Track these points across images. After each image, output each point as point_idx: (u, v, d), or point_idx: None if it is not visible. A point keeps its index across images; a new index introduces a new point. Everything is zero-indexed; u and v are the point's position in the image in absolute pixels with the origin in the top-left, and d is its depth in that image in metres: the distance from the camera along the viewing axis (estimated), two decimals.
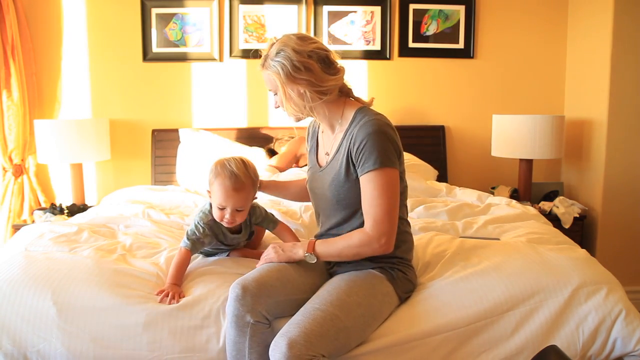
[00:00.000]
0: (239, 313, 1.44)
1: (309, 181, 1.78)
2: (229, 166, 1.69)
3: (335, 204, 1.64)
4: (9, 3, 2.93)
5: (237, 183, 1.67)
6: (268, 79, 1.63)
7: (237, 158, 1.73)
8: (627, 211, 3.01)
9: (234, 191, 1.67)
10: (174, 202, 2.60)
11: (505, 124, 3.04)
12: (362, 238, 1.56)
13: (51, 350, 1.50)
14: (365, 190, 1.56)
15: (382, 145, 1.54)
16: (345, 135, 1.62)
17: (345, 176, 1.60)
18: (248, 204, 1.74)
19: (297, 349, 1.32)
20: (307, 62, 1.55)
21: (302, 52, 1.55)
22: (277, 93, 1.63)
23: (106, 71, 3.23)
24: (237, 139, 3.21)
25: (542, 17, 3.34)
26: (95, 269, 1.66)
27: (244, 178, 1.68)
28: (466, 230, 2.16)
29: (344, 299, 1.48)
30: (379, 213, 1.54)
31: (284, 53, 1.55)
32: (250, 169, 1.73)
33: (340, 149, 1.63)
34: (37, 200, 3.15)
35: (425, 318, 1.55)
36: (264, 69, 1.63)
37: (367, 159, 1.54)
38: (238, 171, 1.67)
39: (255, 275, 1.53)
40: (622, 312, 1.57)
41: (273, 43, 1.61)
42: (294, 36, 1.58)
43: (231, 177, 1.66)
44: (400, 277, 1.64)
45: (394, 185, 1.56)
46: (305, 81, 1.56)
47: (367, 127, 1.55)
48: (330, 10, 3.26)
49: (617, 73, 2.91)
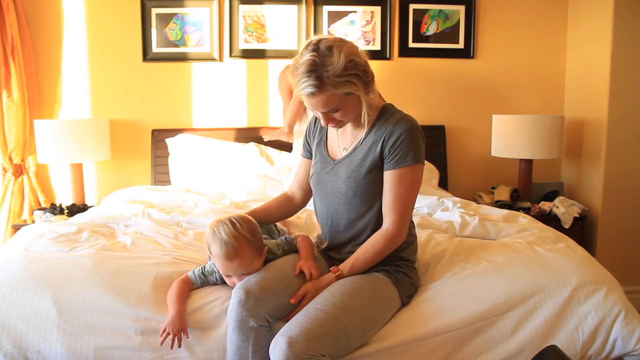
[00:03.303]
0: (242, 318, 1.43)
1: (316, 175, 1.74)
2: (218, 233, 1.52)
3: (351, 198, 1.63)
4: (9, 3, 2.93)
5: (229, 251, 1.51)
6: (329, 99, 1.47)
7: (227, 221, 1.55)
8: (627, 211, 3.01)
9: (228, 261, 1.52)
10: (174, 202, 2.60)
11: (505, 124, 3.04)
12: (387, 239, 1.59)
13: (51, 350, 1.50)
14: (392, 186, 1.57)
15: (418, 142, 1.58)
16: (372, 129, 1.62)
17: (368, 169, 1.60)
18: (253, 266, 1.56)
19: (297, 348, 1.32)
20: (365, 61, 1.52)
21: (358, 54, 1.49)
22: (340, 108, 1.51)
23: (106, 71, 3.23)
24: (237, 139, 3.21)
25: (542, 17, 3.34)
26: (95, 269, 1.65)
27: (236, 243, 1.51)
28: (464, 229, 2.16)
29: (346, 301, 1.47)
30: (403, 208, 1.58)
31: (352, 63, 1.45)
32: (245, 229, 1.54)
33: (365, 142, 1.62)
34: (37, 200, 3.15)
35: (425, 320, 1.55)
36: (321, 92, 1.45)
37: (404, 154, 1.55)
38: (228, 237, 1.51)
39: (258, 279, 1.51)
40: (622, 311, 1.57)
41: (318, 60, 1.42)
42: (339, 42, 1.46)
43: (222, 246, 1.51)
44: (406, 282, 1.64)
45: (419, 181, 1.62)
46: (372, 80, 1.55)
47: (404, 123, 1.57)
48: (330, 10, 3.26)
49: (617, 73, 2.91)
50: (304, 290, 1.54)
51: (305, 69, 1.45)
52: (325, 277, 1.60)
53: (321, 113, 1.54)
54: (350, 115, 1.57)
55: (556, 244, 1.93)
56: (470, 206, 2.49)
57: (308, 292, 1.54)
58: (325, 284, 1.57)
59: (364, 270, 1.61)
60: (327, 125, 1.58)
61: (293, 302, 1.51)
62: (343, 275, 1.59)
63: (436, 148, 3.31)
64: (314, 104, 1.50)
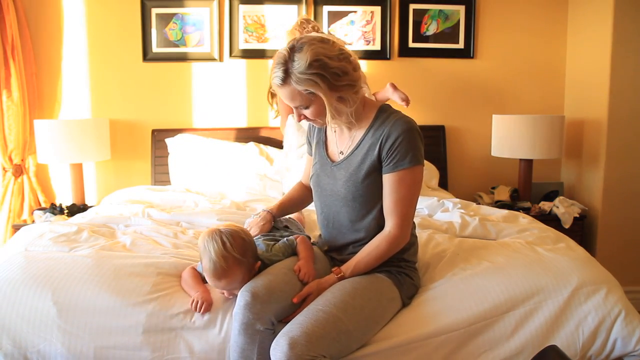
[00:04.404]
0: (248, 321, 1.41)
1: (316, 176, 1.74)
2: (208, 249, 1.50)
3: (350, 201, 1.63)
4: (9, 3, 2.93)
5: (217, 271, 1.50)
6: (292, 94, 1.51)
7: (217, 238, 1.51)
8: (627, 211, 3.02)
9: (217, 279, 1.51)
10: (174, 202, 2.60)
11: (505, 124, 3.04)
12: (390, 241, 1.58)
13: (51, 350, 1.50)
14: (392, 189, 1.56)
15: (417, 144, 1.56)
16: (369, 132, 1.61)
17: (366, 172, 1.59)
18: (242, 283, 1.52)
19: (298, 349, 1.32)
20: (342, 65, 1.49)
21: (334, 57, 1.48)
22: (309, 106, 1.53)
23: (106, 71, 3.23)
24: (237, 139, 3.21)
25: (542, 17, 3.34)
26: (95, 269, 1.65)
27: (224, 264, 1.49)
28: (464, 229, 2.16)
29: (348, 302, 1.47)
30: (405, 210, 1.57)
31: (319, 63, 1.45)
32: (236, 249, 1.51)
33: (363, 145, 1.61)
34: (37, 200, 3.15)
35: (425, 321, 1.55)
36: (285, 85, 1.49)
37: (403, 156, 1.54)
38: (216, 257, 1.49)
39: (265, 281, 1.50)
40: (622, 312, 1.57)
41: (287, 55, 1.47)
42: (317, 42, 1.48)
43: (210, 264, 1.50)
44: (407, 282, 1.64)
45: (420, 182, 1.61)
46: (346, 86, 1.52)
47: (401, 125, 1.55)
48: (330, 10, 3.26)
49: (617, 73, 2.91)
50: (307, 290, 1.54)
51: (276, 60, 1.50)
52: (327, 278, 1.59)
53: (293, 108, 1.58)
54: (323, 117, 1.55)
55: (556, 244, 1.93)
56: (470, 207, 2.49)
57: (311, 293, 1.54)
58: (327, 285, 1.56)
59: (365, 272, 1.61)
60: (299, 120, 1.60)
61: (295, 302, 1.51)
62: (345, 277, 1.59)
63: (436, 148, 3.31)
64: (282, 96, 1.54)
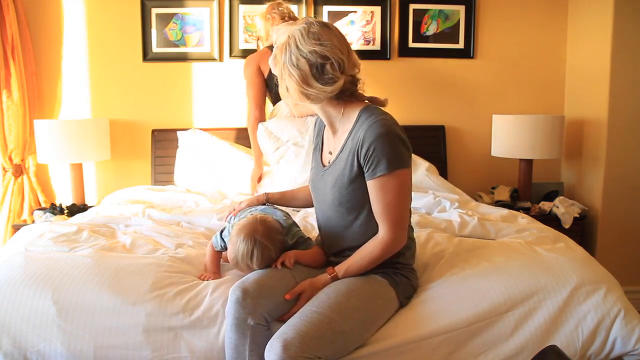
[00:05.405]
0: (239, 316, 1.43)
1: (312, 180, 1.75)
2: (239, 247, 1.58)
3: (337, 206, 1.61)
4: (9, 3, 2.93)
5: (238, 266, 1.63)
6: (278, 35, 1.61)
7: (251, 247, 1.57)
8: (627, 211, 3.01)
9: (236, 268, 1.66)
10: (175, 202, 2.61)
11: (505, 124, 3.04)
12: (383, 246, 1.55)
13: (51, 350, 1.50)
14: (377, 196, 1.53)
15: (392, 147, 1.50)
16: (350, 135, 1.57)
17: (349, 178, 1.56)
18: None
19: (292, 351, 1.31)
20: (300, 60, 1.51)
21: (301, 49, 1.51)
22: None
23: (106, 71, 3.23)
24: (237, 139, 3.21)
25: (542, 17, 3.34)
26: (95, 269, 1.66)
27: (245, 268, 1.61)
28: (463, 229, 2.16)
29: (342, 303, 1.47)
30: (396, 215, 1.53)
31: (290, 40, 1.53)
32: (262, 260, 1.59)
33: (345, 150, 1.58)
34: (37, 200, 3.15)
35: (424, 321, 1.54)
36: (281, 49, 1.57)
37: (378, 163, 1.49)
38: (242, 261, 1.59)
39: (256, 277, 1.52)
40: (621, 311, 1.57)
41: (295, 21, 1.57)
42: (304, 30, 1.52)
43: (234, 259, 1.61)
44: (404, 283, 1.63)
45: (407, 185, 1.55)
46: (293, 77, 1.53)
47: (373, 130, 1.50)
48: (330, 10, 3.26)
49: (617, 73, 2.91)
50: (300, 288, 1.55)
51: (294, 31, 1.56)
52: (321, 277, 1.59)
53: None
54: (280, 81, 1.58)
55: (555, 243, 1.93)
56: (469, 204, 2.49)
57: (304, 291, 1.54)
58: (321, 284, 1.56)
59: (359, 273, 1.59)
60: None
61: (288, 299, 1.51)
62: (338, 277, 1.58)
63: (436, 148, 3.31)
64: None
